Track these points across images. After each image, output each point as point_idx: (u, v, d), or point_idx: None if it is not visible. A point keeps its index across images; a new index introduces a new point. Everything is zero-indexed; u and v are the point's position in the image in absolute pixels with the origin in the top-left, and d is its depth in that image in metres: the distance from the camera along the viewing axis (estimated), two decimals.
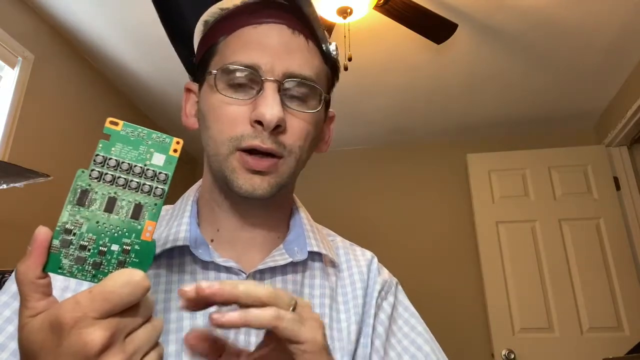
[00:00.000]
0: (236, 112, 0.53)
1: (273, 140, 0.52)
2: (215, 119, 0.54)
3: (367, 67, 2.44)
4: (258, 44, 0.53)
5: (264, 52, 0.53)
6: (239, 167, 0.53)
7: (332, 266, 0.62)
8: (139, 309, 0.33)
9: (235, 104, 0.53)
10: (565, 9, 2.01)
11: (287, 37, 0.54)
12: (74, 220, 0.35)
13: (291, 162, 0.54)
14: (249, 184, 0.52)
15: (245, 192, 0.52)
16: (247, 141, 0.52)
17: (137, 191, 0.36)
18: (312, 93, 0.55)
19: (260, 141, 0.51)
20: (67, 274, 0.34)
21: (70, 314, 0.31)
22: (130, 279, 0.32)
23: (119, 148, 0.36)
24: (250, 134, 0.52)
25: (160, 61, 2.34)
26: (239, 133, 0.52)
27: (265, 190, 0.53)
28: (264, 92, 0.52)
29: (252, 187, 0.52)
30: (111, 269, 0.35)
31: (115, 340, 0.31)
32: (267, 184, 0.53)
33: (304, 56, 0.55)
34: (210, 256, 0.54)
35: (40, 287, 0.33)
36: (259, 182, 0.53)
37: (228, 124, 0.53)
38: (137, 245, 0.36)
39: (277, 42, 0.54)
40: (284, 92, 0.53)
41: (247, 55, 0.53)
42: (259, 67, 0.52)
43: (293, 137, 0.54)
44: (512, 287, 2.64)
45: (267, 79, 0.52)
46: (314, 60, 0.56)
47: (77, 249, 0.35)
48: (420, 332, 0.62)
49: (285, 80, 0.53)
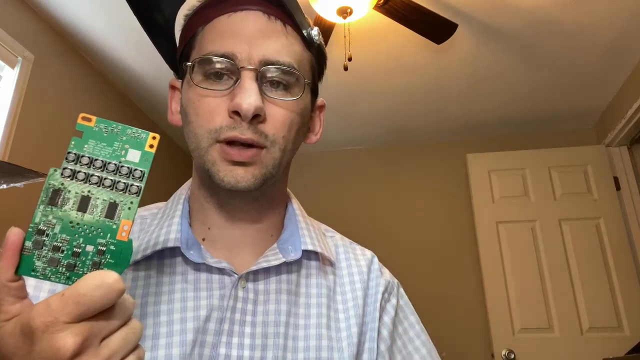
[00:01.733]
0: (214, 104, 0.51)
1: (253, 131, 0.50)
2: (194, 113, 0.52)
3: (367, 67, 2.44)
4: (233, 32, 0.52)
5: (240, 40, 0.51)
6: (219, 159, 0.51)
7: (330, 264, 0.60)
8: (115, 311, 0.32)
9: (213, 95, 0.51)
10: (566, 9, 2.01)
11: (262, 24, 0.52)
12: (47, 221, 0.33)
13: (275, 152, 0.52)
14: (231, 175, 0.50)
15: (227, 185, 0.51)
16: (226, 133, 0.50)
17: (112, 189, 0.35)
18: (292, 80, 0.53)
19: (239, 132, 0.50)
20: (40, 276, 0.33)
21: (41, 319, 0.30)
22: (102, 281, 0.31)
23: (92, 145, 0.35)
24: (229, 125, 0.50)
25: (160, 61, 2.32)
26: (218, 125, 0.50)
27: (249, 181, 0.51)
28: (241, 81, 0.50)
29: (235, 179, 0.50)
30: (86, 271, 0.34)
31: (88, 345, 0.30)
32: (251, 176, 0.51)
33: (281, 42, 0.52)
34: (202, 257, 0.53)
35: (12, 290, 0.32)
36: (242, 173, 0.51)
37: (206, 116, 0.51)
38: (113, 246, 0.34)
39: (252, 29, 0.52)
40: (263, 80, 0.51)
41: (221, 45, 0.51)
42: (235, 55, 0.51)
43: (275, 126, 0.52)
44: (512, 287, 2.64)
45: (244, 67, 0.50)
46: (293, 46, 0.54)
47: (51, 250, 0.33)
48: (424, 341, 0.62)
49: (262, 67, 0.51)
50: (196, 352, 0.49)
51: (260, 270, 0.54)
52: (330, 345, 0.54)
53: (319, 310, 0.56)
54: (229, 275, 0.53)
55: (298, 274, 0.57)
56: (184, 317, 0.50)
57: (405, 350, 0.60)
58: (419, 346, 0.61)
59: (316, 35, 0.56)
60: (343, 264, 0.62)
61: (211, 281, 0.53)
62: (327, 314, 0.56)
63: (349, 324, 0.57)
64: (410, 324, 0.63)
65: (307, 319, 0.55)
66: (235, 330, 0.51)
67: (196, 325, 0.50)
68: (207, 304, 0.51)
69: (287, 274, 0.56)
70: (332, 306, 0.58)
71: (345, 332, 0.56)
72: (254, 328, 0.51)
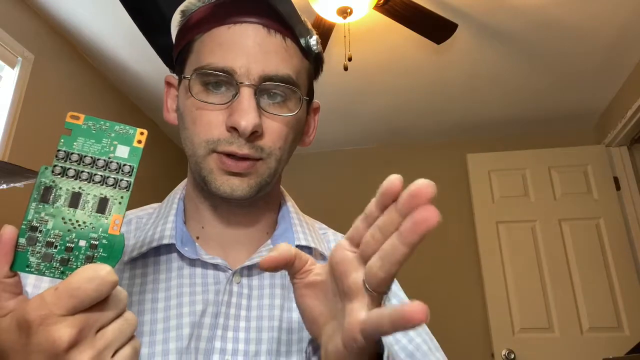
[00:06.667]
0: (212, 116, 0.52)
1: (250, 146, 0.51)
2: (191, 122, 0.53)
3: (367, 67, 2.44)
4: (233, 46, 0.52)
5: (239, 55, 0.51)
6: (216, 169, 0.52)
7: (323, 259, 0.61)
8: (109, 303, 0.33)
9: (211, 109, 0.52)
10: (566, 9, 2.01)
11: (262, 38, 0.52)
12: (39, 218, 0.34)
13: (271, 162, 0.53)
14: (227, 185, 0.52)
15: (224, 194, 0.52)
16: (223, 146, 0.51)
17: (102, 185, 0.36)
18: (290, 95, 0.53)
19: (236, 147, 0.51)
20: (35, 271, 0.34)
21: (36, 312, 0.30)
22: (95, 274, 0.31)
23: (81, 142, 0.36)
24: (227, 139, 0.51)
25: (160, 61, 2.33)
26: (216, 137, 0.51)
27: (245, 191, 0.52)
28: (240, 97, 0.50)
29: (231, 189, 0.52)
30: (79, 265, 0.35)
31: (84, 336, 0.31)
32: (246, 185, 0.52)
33: (280, 57, 0.53)
34: (197, 253, 0.54)
35: (8, 286, 0.33)
36: (237, 183, 0.52)
37: (204, 127, 0.52)
38: (105, 240, 0.35)
39: (252, 44, 0.52)
40: (261, 95, 0.52)
41: (221, 58, 0.51)
42: (234, 71, 0.51)
43: (272, 140, 0.53)
44: (512, 287, 2.64)
45: (243, 83, 0.51)
46: (292, 59, 0.54)
47: (44, 246, 0.34)
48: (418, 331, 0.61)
49: (261, 83, 0.51)
50: (192, 345, 0.50)
51: (255, 265, 0.55)
52: None
53: None
54: (224, 271, 0.54)
55: None
56: (180, 312, 0.51)
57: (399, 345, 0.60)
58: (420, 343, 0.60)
59: (314, 44, 0.56)
60: None
61: (206, 276, 0.54)
62: None
63: None
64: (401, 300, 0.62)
65: None
66: (230, 325, 0.51)
67: (192, 320, 0.51)
68: (203, 298, 0.52)
69: None
70: None
71: None
72: (248, 322, 0.52)
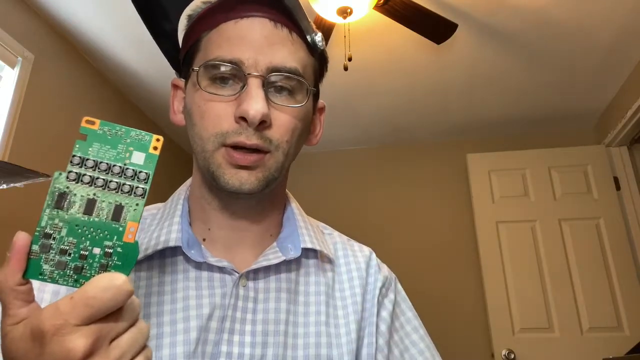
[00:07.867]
0: (220, 108, 0.52)
1: (259, 136, 0.51)
2: (200, 116, 0.53)
3: (367, 67, 2.44)
4: (240, 39, 0.52)
5: (247, 47, 0.52)
6: (224, 163, 0.52)
7: (328, 262, 0.61)
8: (123, 313, 0.33)
9: (219, 100, 0.52)
10: (565, 9, 2.01)
11: (269, 31, 0.53)
12: (53, 224, 0.34)
13: (279, 156, 0.54)
14: (236, 178, 0.51)
15: (232, 188, 0.52)
16: (232, 137, 0.51)
17: (117, 192, 0.35)
18: (297, 86, 0.54)
19: (245, 137, 0.51)
20: (48, 279, 0.33)
21: (51, 322, 0.30)
22: (111, 283, 0.31)
23: (97, 148, 0.35)
24: (235, 130, 0.51)
25: (160, 61, 2.34)
26: (224, 129, 0.51)
27: (253, 184, 0.52)
28: (248, 87, 0.51)
29: (239, 182, 0.51)
30: (93, 273, 0.34)
31: (98, 347, 0.31)
32: (254, 179, 0.52)
33: (287, 49, 0.54)
34: (203, 256, 0.54)
35: (21, 294, 0.32)
36: (246, 176, 0.52)
37: (213, 120, 0.52)
38: (120, 248, 0.34)
39: (259, 36, 0.53)
40: (269, 87, 0.52)
41: (229, 51, 0.52)
42: (242, 62, 0.52)
43: (279, 132, 0.53)
44: (512, 287, 2.64)
45: (251, 74, 0.51)
46: (298, 52, 0.55)
47: (58, 253, 0.33)
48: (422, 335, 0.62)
49: (269, 74, 0.52)
50: (199, 349, 0.49)
51: (261, 268, 0.55)
52: (330, 342, 0.55)
53: (318, 307, 0.57)
54: (230, 274, 0.54)
55: (297, 272, 0.58)
56: (187, 316, 0.51)
57: (402, 344, 0.61)
58: (416, 340, 0.62)
59: (320, 41, 0.57)
60: (341, 261, 0.63)
61: (212, 280, 0.53)
62: (326, 312, 0.57)
63: (348, 320, 0.58)
64: (407, 319, 0.64)
65: (306, 317, 0.56)
66: (236, 328, 0.51)
67: (199, 324, 0.50)
68: (210, 302, 0.52)
69: (286, 272, 0.57)
70: (331, 303, 0.58)
71: (344, 328, 0.57)
72: (254, 326, 0.52)
